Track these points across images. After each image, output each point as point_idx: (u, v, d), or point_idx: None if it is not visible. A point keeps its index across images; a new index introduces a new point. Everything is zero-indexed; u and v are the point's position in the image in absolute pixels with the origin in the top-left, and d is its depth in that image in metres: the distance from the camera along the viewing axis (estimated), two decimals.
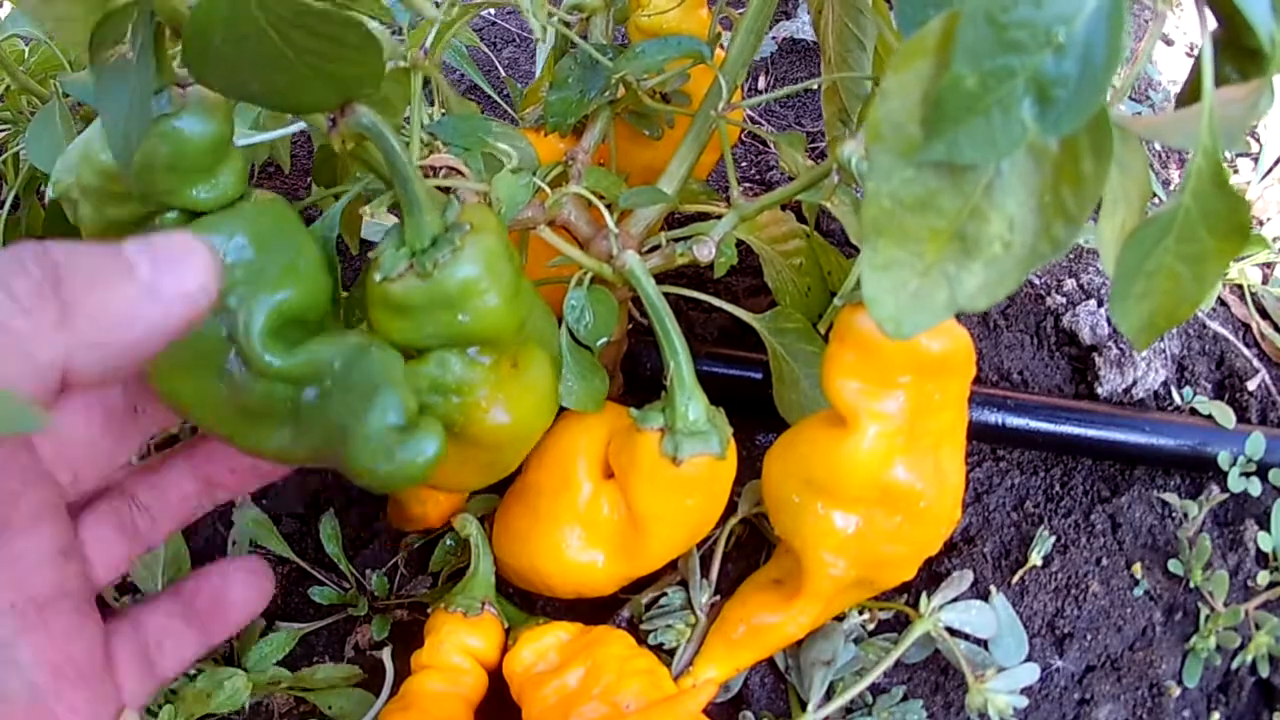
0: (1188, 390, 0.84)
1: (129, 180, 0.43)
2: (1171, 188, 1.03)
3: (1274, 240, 0.95)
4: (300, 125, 0.74)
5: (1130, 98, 1.13)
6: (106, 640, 0.48)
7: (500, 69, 1.30)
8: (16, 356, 0.37)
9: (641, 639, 0.70)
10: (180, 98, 0.43)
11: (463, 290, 0.46)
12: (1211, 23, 0.35)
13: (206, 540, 0.79)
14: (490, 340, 0.49)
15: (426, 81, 0.59)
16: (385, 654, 0.71)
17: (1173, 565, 0.75)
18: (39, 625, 0.43)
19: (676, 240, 0.65)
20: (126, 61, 0.40)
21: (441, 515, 0.75)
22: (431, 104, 0.82)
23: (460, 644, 0.67)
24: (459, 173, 0.55)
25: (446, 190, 0.54)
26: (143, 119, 0.40)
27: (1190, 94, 0.38)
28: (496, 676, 0.68)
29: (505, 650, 0.68)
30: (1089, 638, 0.71)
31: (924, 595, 0.69)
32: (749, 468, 0.70)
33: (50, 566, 0.44)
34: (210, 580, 0.54)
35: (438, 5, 0.62)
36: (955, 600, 0.70)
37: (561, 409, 0.64)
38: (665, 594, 0.72)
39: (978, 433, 0.79)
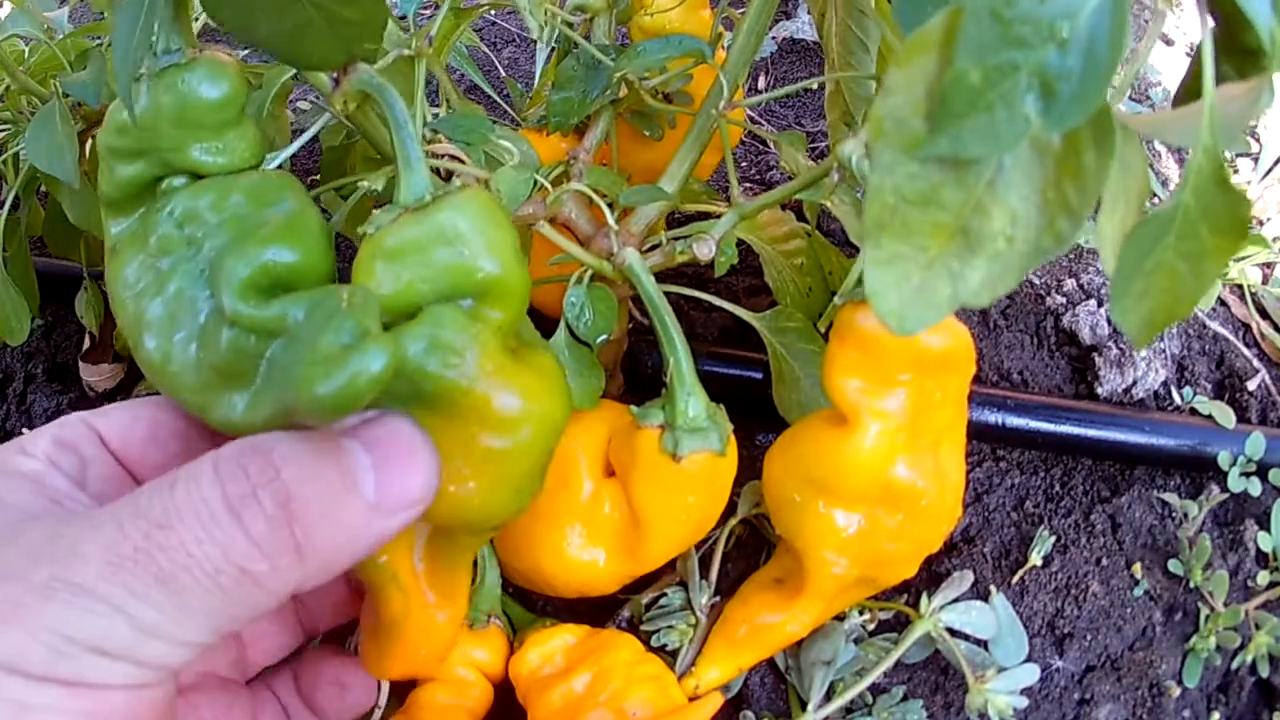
0: (1188, 390, 0.84)
1: (134, 129, 0.43)
2: (1169, 185, 1.03)
3: (1274, 240, 0.95)
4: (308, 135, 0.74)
5: (1130, 97, 1.13)
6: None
7: (500, 69, 1.30)
8: (254, 593, 0.37)
9: (644, 640, 0.70)
10: (192, 52, 0.43)
11: (460, 226, 0.42)
12: (1210, 21, 0.36)
13: None
14: (492, 291, 0.44)
15: (429, 81, 0.59)
16: None
17: (1173, 565, 0.75)
18: (188, 709, 0.45)
19: (677, 239, 0.65)
20: None
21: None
22: (435, 105, 0.82)
23: (465, 657, 0.66)
24: (460, 161, 0.55)
25: (448, 177, 0.54)
26: (144, 44, 0.40)
27: (1189, 92, 0.38)
28: (502, 685, 0.68)
29: (511, 653, 0.68)
30: (1089, 638, 0.71)
31: (924, 595, 0.69)
32: (749, 468, 0.70)
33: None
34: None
35: (437, 6, 0.62)
36: (955, 600, 0.70)
37: None
38: (665, 594, 0.72)
39: (978, 433, 0.79)
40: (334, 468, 0.38)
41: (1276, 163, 1.03)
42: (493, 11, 1.37)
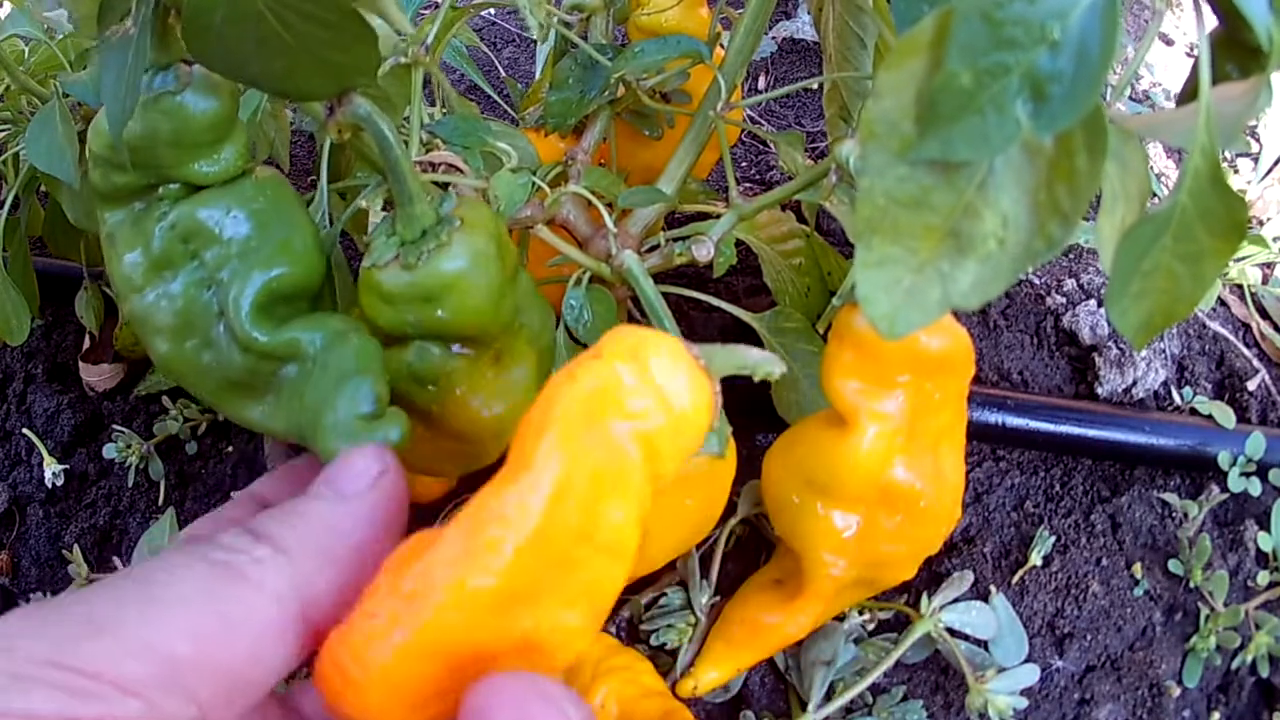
0: (1188, 390, 0.84)
1: (123, 153, 0.44)
2: (1163, 180, 1.03)
3: (1274, 240, 0.95)
4: None
5: (1130, 98, 1.13)
6: None
7: (500, 69, 1.30)
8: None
9: (642, 639, 0.69)
10: (185, 75, 0.44)
11: (444, 287, 0.46)
12: (1210, 21, 0.35)
13: None
14: (471, 336, 0.49)
15: (427, 81, 0.59)
16: None
17: (1173, 565, 0.75)
18: None
19: (675, 240, 0.65)
20: (128, 37, 0.40)
21: (431, 495, 0.75)
22: (433, 104, 0.82)
23: None
24: (458, 169, 0.55)
25: (445, 186, 0.54)
26: (134, 91, 0.41)
27: (1189, 92, 0.38)
28: None
29: None
30: (1089, 638, 0.71)
31: (924, 595, 0.69)
32: (749, 468, 0.70)
33: None
34: None
35: (437, 5, 0.62)
36: (955, 600, 0.70)
37: None
38: (665, 594, 0.72)
39: (978, 433, 0.79)
40: None
41: (1276, 163, 1.03)
42: (493, 11, 1.37)
